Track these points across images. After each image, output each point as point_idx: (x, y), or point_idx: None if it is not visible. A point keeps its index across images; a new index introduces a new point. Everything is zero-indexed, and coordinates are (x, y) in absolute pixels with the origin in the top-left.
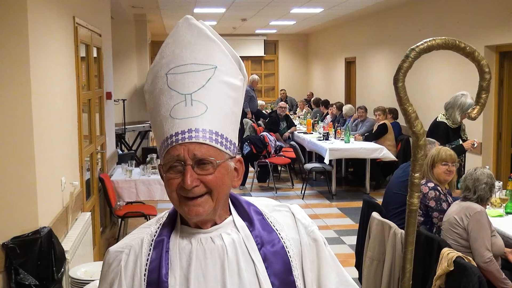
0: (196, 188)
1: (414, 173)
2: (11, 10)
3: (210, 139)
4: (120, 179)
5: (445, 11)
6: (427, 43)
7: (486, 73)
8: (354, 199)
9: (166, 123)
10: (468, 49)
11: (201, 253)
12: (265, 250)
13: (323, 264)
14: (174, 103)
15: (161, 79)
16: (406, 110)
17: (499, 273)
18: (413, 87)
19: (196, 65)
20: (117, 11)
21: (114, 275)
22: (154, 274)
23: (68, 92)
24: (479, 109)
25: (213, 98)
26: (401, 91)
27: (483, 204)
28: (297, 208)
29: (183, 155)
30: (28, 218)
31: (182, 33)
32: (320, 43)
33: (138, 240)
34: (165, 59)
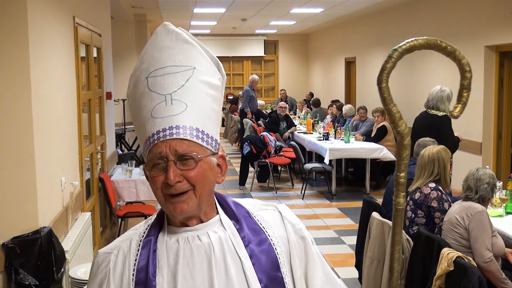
0: (179, 184)
1: (400, 173)
2: (11, 10)
3: (191, 135)
4: (120, 179)
5: (445, 11)
6: (409, 43)
7: (467, 71)
8: (354, 199)
9: (148, 123)
10: (449, 48)
11: (188, 251)
12: (252, 247)
13: (310, 262)
14: (154, 104)
15: (141, 83)
16: (390, 110)
17: (499, 273)
18: (413, 87)
19: (175, 67)
20: (117, 11)
21: (103, 276)
22: (142, 273)
23: (68, 92)
24: (461, 107)
25: (192, 97)
26: (385, 92)
27: (484, 204)
28: (284, 207)
29: (165, 152)
30: (28, 218)
31: (161, 39)
32: (320, 43)
33: (127, 241)
34: (145, 64)
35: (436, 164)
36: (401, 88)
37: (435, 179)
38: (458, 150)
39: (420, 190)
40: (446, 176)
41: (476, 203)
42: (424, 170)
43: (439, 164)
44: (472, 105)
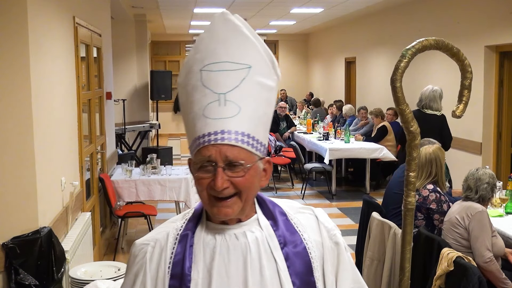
0: (226, 189)
1: (410, 172)
2: (11, 10)
3: (242, 141)
4: (120, 179)
5: (445, 11)
6: (421, 43)
7: (469, 72)
8: (354, 199)
9: (199, 121)
10: (455, 49)
11: (225, 249)
12: (287, 249)
13: (341, 268)
14: (207, 102)
15: (195, 75)
16: (403, 110)
17: (499, 273)
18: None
19: (230, 63)
20: (117, 11)
21: (139, 267)
22: (178, 267)
23: (68, 92)
24: (463, 107)
25: (246, 99)
26: (399, 91)
27: (484, 204)
28: (321, 211)
29: (214, 157)
30: (28, 218)
31: (218, 29)
32: (320, 43)
33: (164, 234)
34: (199, 54)
35: (433, 164)
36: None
37: (433, 180)
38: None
39: (418, 192)
40: (442, 176)
41: (476, 203)
42: (422, 170)
43: (436, 164)
44: (472, 105)
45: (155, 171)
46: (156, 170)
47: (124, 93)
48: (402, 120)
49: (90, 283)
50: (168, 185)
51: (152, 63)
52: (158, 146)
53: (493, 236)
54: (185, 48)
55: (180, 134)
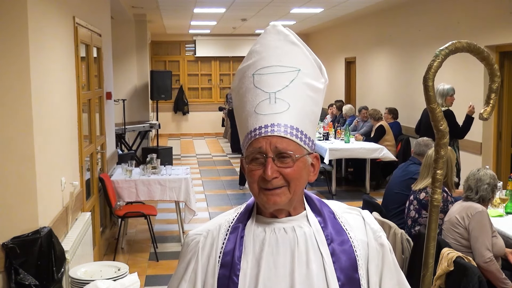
0: (275, 179)
1: (437, 170)
2: (11, 10)
3: (291, 134)
4: (120, 179)
5: (445, 11)
6: (454, 44)
7: (497, 76)
8: (354, 199)
9: (251, 118)
10: (485, 53)
11: (274, 241)
12: (334, 245)
13: (386, 270)
14: (259, 100)
15: (248, 79)
16: (434, 109)
17: (499, 273)
18: (413, 87)
19: (280, 67)
20: (117, 11)
21: (192, 255)
22: (228, 256)
23: (68, 92)
24: (490, 109)
25: (295, 98)
26: (430, 90)
27: (484, 204)
28: (368, 213)
29: (264, 148)
30: (28, 218)
31: (269, 39)
32: (320, 43)
33: (216, 225)
34: (252, 60)
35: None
36: (401, 88)
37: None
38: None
39: (425, 190)
40: (451, 178)
41: (476, 203)
42: (431, 169)
43: (446, 165)
44: None
45: (155, 171)
46: (156, 170)
47: (124, 93)
48: (432, 118)
49: (90, 283)
50: (168, 185)
51: (152, 63)
52: (158, 146)
53: (493, 236)
54: (185, 48)
55: (180, 134)
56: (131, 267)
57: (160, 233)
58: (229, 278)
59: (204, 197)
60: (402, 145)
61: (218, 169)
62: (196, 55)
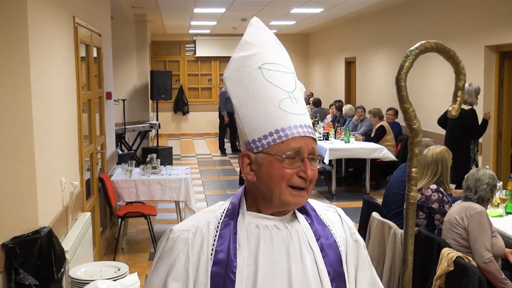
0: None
1: (412, 168)
2: (11, 10)
3: (315, 136)
4: (120, 179)
5: (445, 11)
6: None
7: (463, 74)
8: (354, 199)
9: (277, 114)
10: (451, 52)
11: (269, 238)
12: (321, 241)
13: (361, 265)
14: (281, 98)
15: (252, 71)
16: (406, 109)
17: (499, 273)
18: (413, 86)
19: (283, 66)
20: (117, 11)
21: (180, 251)
22: (221, 253)
23: (68, 92)
24: (457, 106)
25: (302, 100)
26: (403, 90)
27: (484, 204)
28: (341, 210)
29: (303, 148)
30: (28, 218)
31: (260, 34)
32: (320, 43)
33: (204, 222)
34: (250, 52)
35: (439, 164)
36: None
37: (437, 181)
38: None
39: (421, 191)
40: (448, 178)
41: (475, 204)
42: (427, 169)
43: (442, 164)
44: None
45: (155, 171)
46: (156, 170)
47: (124, 93)
48: (405, 118)
49: (90, 283)
50: (168, 185)
51: (152, 63)
52: (158, 146)
53: (492, 237)
54: (185, 48)
55: (180, 134)
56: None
57: (160, 233)
58: (225, 276)
59: (204, 197)
60: (402, 145)
61: (218, 169)
62: (196, 55)
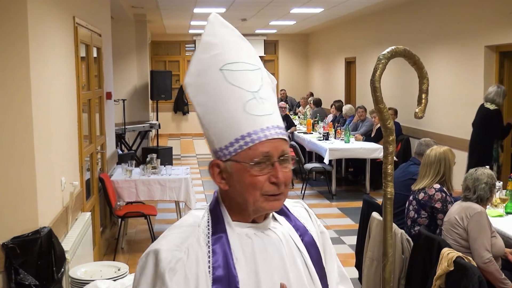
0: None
1: (387, 165)
2: (11, 10)
3: (286, 135)
4: (120, 179)
5: (445, 11)
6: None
7: (426, 78)
8: (354, 199)
9: (242, 119)
10: (416, 58)
11: (262, 246)
12: (305, 240)
13: (328, 255)
14: (245, 100)
15: (215, 73)
16: (381, 109)
17: (499, 273)
18: (414, 86)
19: (246, 64)
20: (117, 11)
21: (173, 274)
22: (219, 270)
23: (68, 92)
24: (423, 108)
25: (271, 97)
26: (378, 91)
27: (483, 204)
28: (305, 203)
29: (272, 152)
30: (28, 218)
31: (222, 31)
32: (320, 43)
33: (193, 239)
34: (211, 54)
35: (442, 164)
36: (401, 88)
37: (440, 181)
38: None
39: (424, 191)
40: (450, 178)
41: (475, 204)
42: (430, 168)
43: (445, 164)
44: (472, 105)
45: (155, 171)
46: (156, 170)
47: (124, 93)
48: (380, 117)
49: (90, 283)
50: (168, 185)
51: (152, 63)
52: (158, 146)
53: (492, 237)
54: (185, 48)
55: (180, 134)
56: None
57: (160, 233)
58: None
59: (204, 197)
60: (402, 145)
61: None
62: None
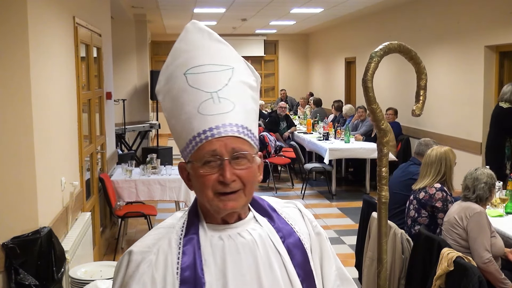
0: (234, 183)
1: (382, 167)
2: (11, 10)
3: (243, 133)
4: (120, 179)
5: (445, 11)
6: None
7: (424, 74)
8: (354, 199)
9: (195, 120)
10: (413, 53)
11: (234, 248)
12: (287, 242)
13: (325, 257)
14: (201, 100)
15: (178, 79)
16: (374, 109)
17: (499, 273)
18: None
19: (214, 65)
20: (117, 11)
21: (144, 275)
22: (188, 271)
23: (68, 92)
24: (421, 105)
25: (237, 96)
26: (370, 91)
27: (482, 204)
28: (301, 204)
29: (219, 150)
30: (28, 218)
31: (194, 37)
32: (320, 43)
33: (165, 240)
34: (179, 61)
35: (443, 163)
36: (401, 88)
37: (441, 180)
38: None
39: (425, 190)
40: (451, 178)
41: (474, 204)
42: (431, 168)
43: (446, 164)
44: (472, 105)
45: (155, 171)
46: (156, 170)
47: (124, 93)
48: (373, 118)
49: (90, 283)
50: (168, 185)
51: (152, 63)
52: (158, 146)
53: (492, 237)
54: None
55: None
56: None
57: None
58: None
59: None
60: (402, 145)
61: None
62: None
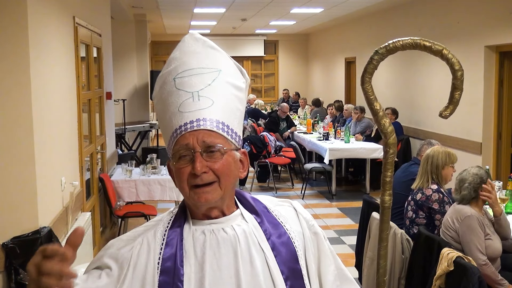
0: (204, 174)
1: (386, 172)
2: (11, 10)
3: (217, 127)
4: (120, 179)
5: (445, 11)
6: (391, 44)
7: (458, 70)
8: (354, 199)
9: (175, 118)
10: (434, 47)
11: (215, 243)
12: (273, 239)
13: (323, 256)
14: (182, 100)
15: (168, 84)
16: (374, 110)
17: (495, 275)
18: (413, 87)
19: (201, 68)
20: (117, 11)
21: (124, 261)
22: (168, 262)
23: (68, 92)
24: (452, 108)
25: (219, 95)
26: (368, 92)
27: (474, 205)
28: (298, 204)
29: (192, 143)
30: (28, 218)
31: (188, 45)
32: (320, 43)
33: (151, 231)
34: (172, 66)
35: (429, 162)
36: (401, 88)
37: (435, 181)
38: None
39: (421, 191)
40: (440, 177)
41: (466, 207)
42: (421, 168)
43: (432, 162)
44: (472, 105)
45: (155, 171)
46: (156, 170)
47: (124, 93)
48: (375, 119)
49: None
50: (168, 185)
51: (152, 63)
52: (158, 146)
53: (488, 239)
54: None
55: None
56: None
57: None
58: (172, 284)
59: None
60: (402, 145)
61: None
62: None
